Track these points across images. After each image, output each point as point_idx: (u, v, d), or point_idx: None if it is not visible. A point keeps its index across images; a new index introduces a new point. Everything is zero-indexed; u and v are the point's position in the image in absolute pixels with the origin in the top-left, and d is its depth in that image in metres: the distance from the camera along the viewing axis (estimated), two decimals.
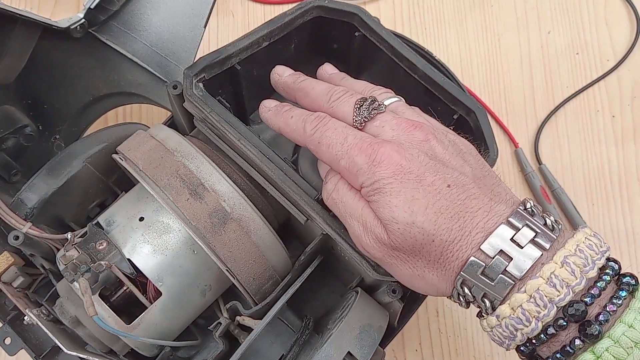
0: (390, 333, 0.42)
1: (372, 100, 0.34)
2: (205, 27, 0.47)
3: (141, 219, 0.39)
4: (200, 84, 0.39)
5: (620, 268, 0.30)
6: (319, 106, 0.36)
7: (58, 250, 0.40)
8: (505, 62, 0.64)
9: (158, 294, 0.38)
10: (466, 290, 0.30)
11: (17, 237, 0.38)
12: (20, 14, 0.42)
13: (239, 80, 0.43)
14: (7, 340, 0.41)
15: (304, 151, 0.45)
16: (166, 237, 0.38)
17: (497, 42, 0.65)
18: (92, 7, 0.47)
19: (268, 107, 0.38)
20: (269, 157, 0.37)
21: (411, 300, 0.43)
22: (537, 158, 0.61)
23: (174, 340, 0.40)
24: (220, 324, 0.40)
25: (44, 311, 0.41)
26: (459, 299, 0.31)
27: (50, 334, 0.38)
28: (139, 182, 0.38)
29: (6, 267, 0.40)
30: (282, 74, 0.40)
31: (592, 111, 0.63)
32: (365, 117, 0.34)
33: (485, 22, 0.66)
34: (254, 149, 0.37)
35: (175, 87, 0.40)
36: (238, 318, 0.40)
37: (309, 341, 0.39)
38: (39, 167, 0.41)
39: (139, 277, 0.38)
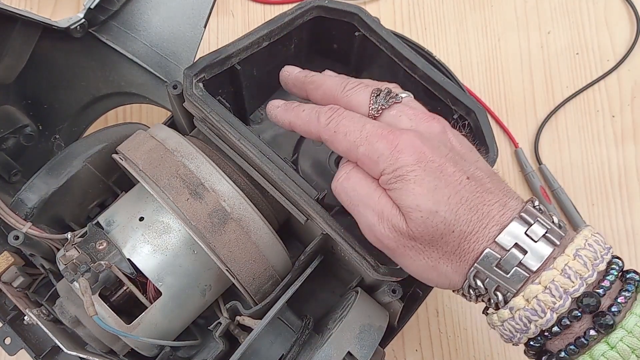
0: (390, 333, 0.42)
1: (388, 91, 0.34)
2: (205, 27, 0.47)
3: (141, 219, 0.39)
4: (200, 84, 0.39)
5: (623, 265, 0.31)
6: (332, 96, 0.36)
7: (58, 250, 0.40)
8: (505, 62, 0.64)
9: (158, 294, 0.38)
10: (479, 283, 0.30)
11: (17, 237, 0.38)
12: (20, 14, 0.42)
13: (239, 80, 0.43)
14: (7, 340, 0.41)
15: (304, 151, 0.45)
16: (166, 237, 0.38)
17: (497, 42, 0.65)
18: (92, 7, 0.47)
19: (277, 105, 0.38)
20: (269, 157, 0.37)
21: (411, 300, 0.43)
22: (537, 158, 0.61)
23: (174, 340, 0.40)
24: (220, 324, 0.40)
25: (44, 311, 0.41)
26: (469, 292, 0.31)
27: (50, 334, 0.38)
28: (139, 182, 0.38)
29: (6, 267, 0.40)
30: (291, 72, 0.40)
31: (592, 111, 0.63)
32: (382, 104, 0.33)
33: (485, 22, 0.66)
34: (254, 149, 0.37)
35: (175, 87, 0.40)
36: (238, 318, 0.40)
37: (309, 341, 0.39)
38: (39, 167, 0.41)
39: (139, 277, 0.38)
